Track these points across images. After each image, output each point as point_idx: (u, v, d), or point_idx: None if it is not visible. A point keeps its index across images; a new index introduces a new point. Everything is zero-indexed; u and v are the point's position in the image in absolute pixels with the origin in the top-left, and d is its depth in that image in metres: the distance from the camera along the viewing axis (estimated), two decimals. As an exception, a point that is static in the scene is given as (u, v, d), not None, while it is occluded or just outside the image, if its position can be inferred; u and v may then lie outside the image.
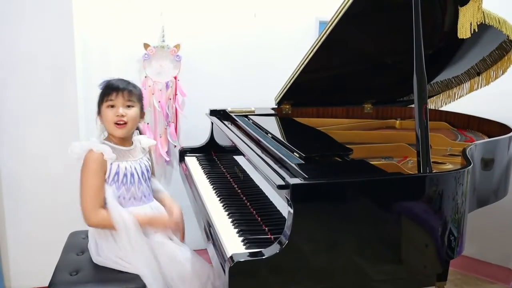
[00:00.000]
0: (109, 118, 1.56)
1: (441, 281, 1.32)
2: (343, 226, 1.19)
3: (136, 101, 1.60)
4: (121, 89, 1.56)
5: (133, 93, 1.59)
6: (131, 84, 1.62)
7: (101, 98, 1.58)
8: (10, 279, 2.23)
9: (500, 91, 2.27)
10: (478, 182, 1.56)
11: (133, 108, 1.59)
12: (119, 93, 1.56)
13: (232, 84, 2.54)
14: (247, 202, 1.56)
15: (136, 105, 1.60)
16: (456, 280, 2.55)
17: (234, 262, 1.09)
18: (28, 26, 2.03)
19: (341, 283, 1.21)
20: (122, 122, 1.56)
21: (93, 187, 1.51)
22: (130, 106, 1.58)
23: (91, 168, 1.52)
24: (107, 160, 1.54)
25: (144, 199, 1.63)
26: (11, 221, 2.18)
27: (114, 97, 1.55)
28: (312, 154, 1.41)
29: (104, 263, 1.54)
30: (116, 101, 1.56)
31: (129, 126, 1.59)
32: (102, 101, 1.57)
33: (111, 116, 1.56)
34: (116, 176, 1.55)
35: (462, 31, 1.50)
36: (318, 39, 1.78)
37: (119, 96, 1.56)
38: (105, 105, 1.56)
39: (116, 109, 1.56)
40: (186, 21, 2.41)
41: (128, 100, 1.57)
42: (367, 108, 2.30)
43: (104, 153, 1.53)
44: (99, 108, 1.60)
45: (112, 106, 1.56)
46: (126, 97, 1.57)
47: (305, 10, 2.55)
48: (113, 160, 1.55)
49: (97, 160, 1.52)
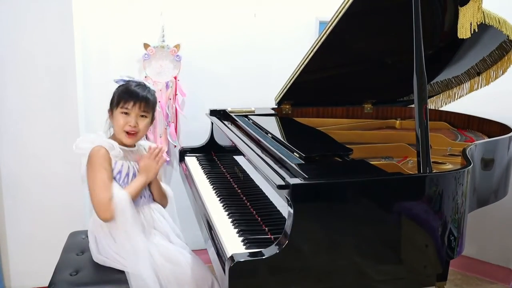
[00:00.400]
0: (120, 124, 1.56)
1: (441, 281, 1.32)
2: (343, 226, 1.19)
3: (150, 110, 1.61)
4: (139, 99, 1.56)
5: (149, 102, 1.59)
6: (149, 91, 1.61)
7: (117, 101, 1.57)
8: (10, 279, 2.23)
9: (500, 91, 2.27)
10: (478, 182, 1.56)
11: (146, 119, 1.60)
12: (136, 103, 1.55)
13: (232, 84, 2.54)
14: (247, 202, 1.56)
15: (149, 115, 1.61)
16: (456, 280, 2.55)
17: (234, 262, 1.09)
18: (28, 26, 2.03)
19: (341, 283, 1.21)
20: (133, 132, 1.57)
21: (103, 180, 1.49)
22: (144, 116, 1.59)
23: (98, 162, 1.51)
24: (112, 157, 1.54)
25: (144, 200, 1.63)
26: (11, 221, 2.18)
27: (130, 106, 1.55)
28: (312, 154, 1.41)
29: (104, 261, 1.54)
30: (131, 110, 1.56)
31: (139, 136, 1.61)
32: (118, 105, 1.56)
33: (122, 122, 1.56)
34: (119, 175, 1.56)
35: (462, 31, 1.50)
36: (318, 39, 1.78)
37: (135, 106, 1.56)
38: (120, 110, 1.56)
39: (130, 118, 1.56)
40: (186, 21, 2.41)
41: (144, 110, 1.58)
42: (367, 108, 2.30)
43: (112, 150, 1.53)
44: (112, 107, 1.59)
45: (126, 113, 1.56)
46: (142, 108, 1.57)
47: (305, 10, 2.55)
48: (118, 158, 1.55)
49: (104, 156, 1.52)
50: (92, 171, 1.51)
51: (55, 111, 2.12)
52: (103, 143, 1.53)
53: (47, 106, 2.11)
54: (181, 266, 1.55)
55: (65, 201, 2.17)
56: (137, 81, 1.62)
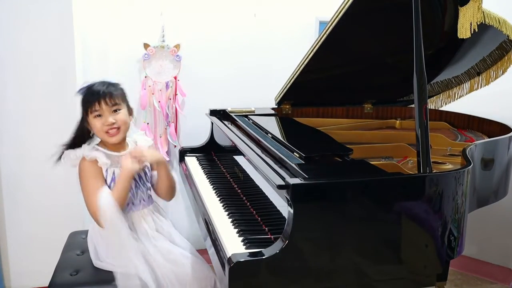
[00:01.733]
0: (98, 127, 1.51)
1: (441, 281, 1.32)
2: (343, 226, 1.19)
3: (121, 102, 1.54)
4: (102, 95, 1.48)
5: (114, 95, 1.52)
6: (110, 84, 1.53)
7: (85, 109, 1.51)
8: (10, 279, 2.23)
9: (500, 91, 2.27)
10: (478, 182, 1.56)
11: (121, 111, 1.54)
12: (101, 100, 1.49)
13: (232, 84, 2.54)
14: (247, 202, 1.56)
15: (123, 106, 1.55)
16: (456, 280, 2.55)
17: (234, 262, 1.09)
18: (28, 26, 2.03)
19: (341, 283, 1.21)
20: (114, 130, 1.52)
21: (96, 190, 1.49)
22: (117, 110, 1.53)
23: (88, 174, 1.51)
24: (102, 166, 1.52)
25: (143, 203, 1.62)
26: (11, 221, 2.18)
27: (98, 107, 1.49)
28: (312, 154, 1.40)
29: (105, 266, 1.54)
30: (101, 110, 1.50)
31: (123, 130, 1.55)
32: (87, 112, 1.51)
33: (100, 126, 1.51)
34: (113, 183, 1.54)
35: (462, 31, 1.50)
36: (318, 39, 1.78)
37: (102, 104, 1.49)
38: (91, 116, 1.51)
39: (104, 118, 1.50)
40: (186, 21, 2.41)
41: (113, 104, 1.51)
42: (367, 108, 2.30)
43: (98, 159, 1.51)
44: (84, 118, 1.53)
45: (99, 115, 1.51)
46: (110, 103, 1.50)
47: (305, 10, 2.55)
48: (107, 166, 1.53)
49: (93, 166, 1.51)
50: (83, 182, 1.52)
51: (55, 111, 2.11)
52: (86, 156, 1.51)
53: (47, 106, 2.10)
54: (183, 267, 1.54)
55: (65, 201, 2.17)
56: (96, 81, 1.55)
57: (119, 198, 1.50)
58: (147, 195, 1.64)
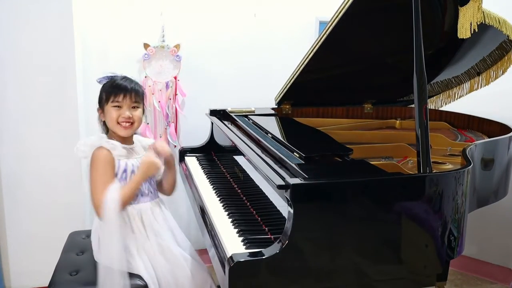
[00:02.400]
0: (113, 117, 1.55)
1: (441, 281, 1.32)
2: (343, 226, 1.19)
3: (141, 101, 1.60)
4: (129, 91, 1.55)
5: (139, 93, 1.59)
6: (136, 83, 1.61)
7: (107, 97, 1.56)
8: (10, 279, 2.23)
9: (500, 91, 2.27)
10: (478, 182, 1.56)
11: (138, 109, 1.59)
12: (127, 94, 1.55)
13: (232, 84, 2.54)
14: (247, 202, 1.56)
15: (141, 105, 1.61)
16: (456, 280, 2.55)
17: (234, 262, 1.09)
18: (28, 26, 2.03)
19: (341, 283, 1.21)
20: (127, 124, 1.56)
21: (104, 183, 1.49)
22: (136, 107, 1.58)
23: (101, 165, 1.51)
24: (115, 157, 1.53)
25: (151, 195, 1.62)
26: (11, 221, 2.18)
27: (121, 99, 1.54)
28: (312, 154, 1.41)
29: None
30: (122, 102, 1.55)
31: (135, 126, 1.59)
32: (108, 100, 1.55)
33: (115, 116, 1.54)
34: (124, 174, 1.55)
35: (462, 31, 1.50)
36: (318, 39, 1.78)
37: (126, 98, 1.55)
38: (111, 105, 1.55)
39: (123, 110, 1.55)
40: (186, 21, 2.41)
41: (135, 101, 1.57)
42: (367, 108, 2.30)
43: (114, 150, 1.52)
44: (102, 104, 1.58)
45: (118, 107, 1.55)
46: (133, 99, 1.56)
47: (305, 10, 2.55)
48: (121, 157, 1.54)
49: (107, 158, 1.51)
50: (95, 173, 1.51)
51: (55, 110, 2.11)
52: (104, 145, 1.52)
53: (47, 106, 2.11)
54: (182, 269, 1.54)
55: (65, 201, 2.17)
56: (120, 75, 1.61)
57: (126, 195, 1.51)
58: (154, 187, 1.65)
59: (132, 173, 1.56)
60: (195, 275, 1.56)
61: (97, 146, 1.53)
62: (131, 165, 1.56)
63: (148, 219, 1.57)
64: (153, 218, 1.59)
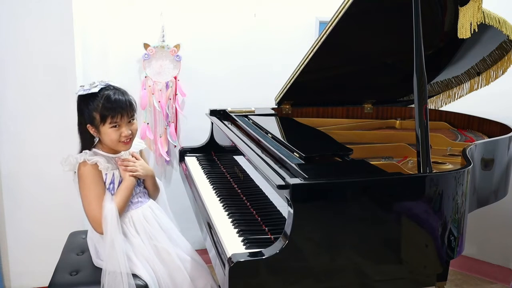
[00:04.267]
0: (114, 138, 1.52)
1: (441, 281, 1.32)
2: (343, 226, 1.19)
3: (135, 112, 1.57)
4: (124, 108, 1.50)
5: (133, 106, 1.55)
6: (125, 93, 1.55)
7: (102, 118, 1.48)
8: (10, 279, 2.23)
9: (500, 91, 2.27)
10: (478, 182, 1.56)
11: (134, 121, 1.57)
12: (124, 113, 1.50)
13: (232, 84, 2.54)
14: (247, 202, 1.56)
15: (135, 115, 1.58)
16: (456, 280, 2.55)
17: (234, 262, 1.09)
18: (28, 26, 2.03)
19: (341, 283, 1.21)
20: (128, 139, 1.54)
21: (95, 196, 1.49)
22: (132, 120, 1.56)
23: (89, 179, 1.51)
24: (102, 170, 1.53)
25: (141, 200, 1.62)
26: (11, 221, 2.18)
27: (119, 119, 1.50)
28: (312, 154, 1.41)
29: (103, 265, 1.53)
30: (120, 122, 1.51)
31: (133, 139, 1.59)
32: (104, 122, 1.49)
33: (116, 137, 1.51)
34: (112, 185, 1.55)
35: (462, 31, 1.50)
36: (318, 39, 1.78)
37: (124, 117, 1.51)
38: (108, 126, 1.50)
39: (122, 129, 1.51)
40: (186, 21, 2.41)
41: (131, 116, 1.54)
42: (367, 108, 2.30)
43: (99, 164, 1.51)
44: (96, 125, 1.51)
45: (115, 126, 1.51)
46: (129, 114, 1.53)
47: (305, 10, 2.55)
48: (107, 170, 1.54)
49: (93, 171, 1.51)
50: (84, 188, 1.51)
51: (55, 111, 2.11)
52: (88, 161, 1.51)
53: (47, 106, 2.11)
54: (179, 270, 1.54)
55: (65, 201, 2.17)
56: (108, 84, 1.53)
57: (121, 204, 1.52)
58: (143, 192, 1.65)
59: (119, 183, 1.56)
60: (195, 275, 1.56)
61: (80, 161, 1.52)
62: (118, 175, 1.56)
63: (140, 223, 1.57)
64: (145, 222, 1.59)
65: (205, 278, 1.59)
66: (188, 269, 1.56)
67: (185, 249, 1.63)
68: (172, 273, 1.53)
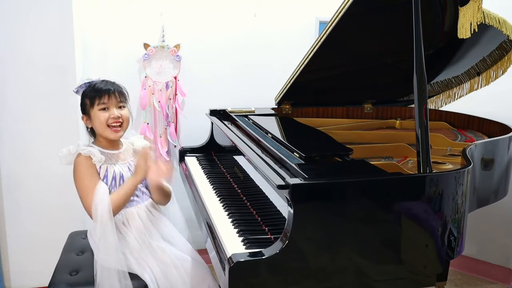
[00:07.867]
0: (103, 120, 1.53)
1: (441, 281, 1.32)
2: (343, 226, 1.19)
3: (126, 101, 1.60)
4: (112, 91, 1.54)
5: (123, 93, 1.59)
6: (117, 84, 1.60)
7: (91, 101, 1.54)
8: (10, 279, 2.23)
9: (500, 91, 2.27)
10: (478, 182, 1.56)
11: (125, 109, 1.59)
12: (111, 95, 1.54)
13: (232, 84, 2.54)
14: (247, 202, 1.56)
15: (127, 104, 1.60)
16: (456, 280, 2.55)
17: (234, 262, 1.09)
18: (28, 26, 2.02)
19: (341, 283, 1.21)
20: (118, 124, 1.55)
21: (90, 187, 1.50)
22: (122, 107, 1.58)
23: (83, 171, 1.52)
24: (96, 163, 1.53)
25: (137, 199, 1.61)
26: (11, 221, 2.18)
27: (107, 100, 1.53)
28: (312, 154, 1.41)
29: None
30: (109, 103, 1.54)
31: (124, 127, 1.59)
32: (93, 104, 1.54)
33: (104, 118, 1.53)
34: (105, 180, 1.54)
35: (462, 31, 1.50)
36: (318, 39, 1.78)
37: (111, 98, 1.54)
38: (97, 108, 1.54)
39: (110, 111, 1.54)
40: (186, 21, 2.41)
41: (120, 101, 1.57)
42: (367, 108, 2.30)
43: (92, 156, 1.52)
44: (87, 111, 1.56)
45: (105, 109, 1.54)
46: (119, 98, 1.56)
47: (305, 10, 2.55)
48: (101, 162, 1.54)
49: (87, 163, 1.52)
50: (78, 180, 1.52)
51: (55, 111, 2.11)
52: (82, 152, 1.52)
53: (47, 106, 2.11)
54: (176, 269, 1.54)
55: (65, 201, 2.17)
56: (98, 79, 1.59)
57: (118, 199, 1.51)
58: (140, 191, 1.64)
59: (113, 179, 1.56)
60: (194, 274, 1.56)
61: (74, 153, 1.53)
62: (112, 171, 1.56)
63: (135, 223, 1.57)
64: (140, 222, 1.58)
65: (206, 278, 1.58)
66: (187, 269, 1.56)
67: (184, 249, 1.63)
68: (166, 271, 1.52)
